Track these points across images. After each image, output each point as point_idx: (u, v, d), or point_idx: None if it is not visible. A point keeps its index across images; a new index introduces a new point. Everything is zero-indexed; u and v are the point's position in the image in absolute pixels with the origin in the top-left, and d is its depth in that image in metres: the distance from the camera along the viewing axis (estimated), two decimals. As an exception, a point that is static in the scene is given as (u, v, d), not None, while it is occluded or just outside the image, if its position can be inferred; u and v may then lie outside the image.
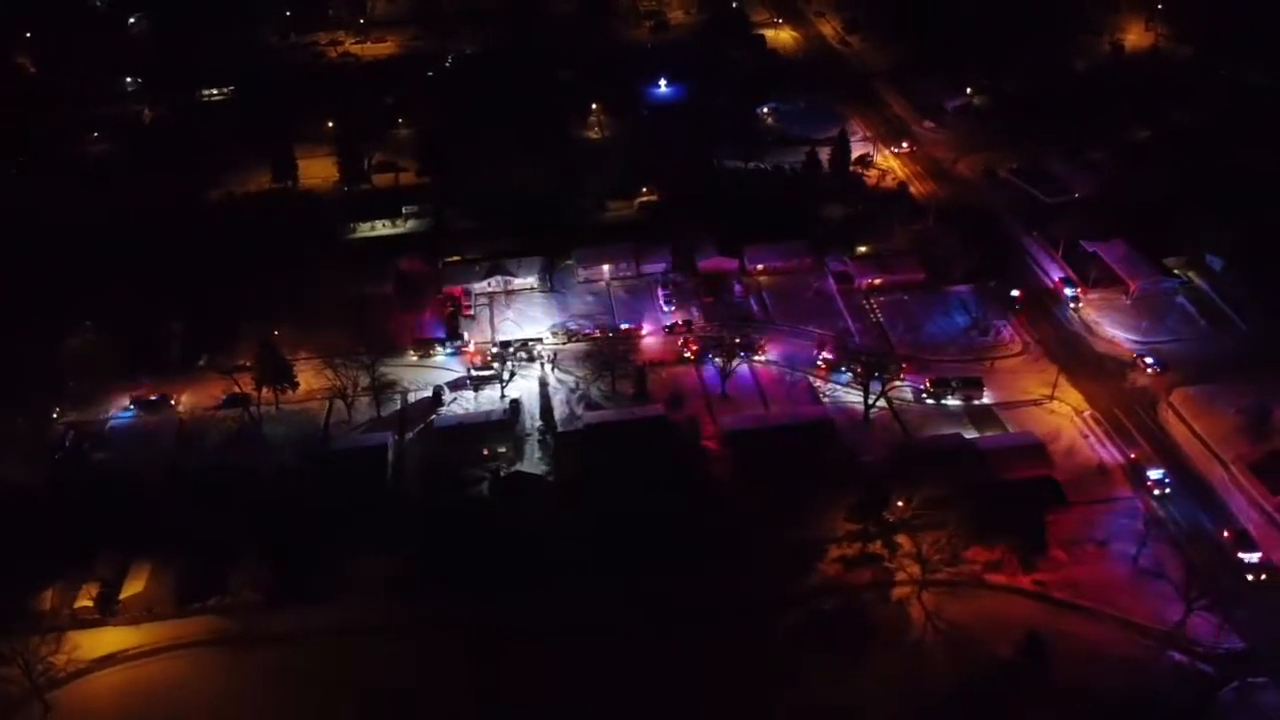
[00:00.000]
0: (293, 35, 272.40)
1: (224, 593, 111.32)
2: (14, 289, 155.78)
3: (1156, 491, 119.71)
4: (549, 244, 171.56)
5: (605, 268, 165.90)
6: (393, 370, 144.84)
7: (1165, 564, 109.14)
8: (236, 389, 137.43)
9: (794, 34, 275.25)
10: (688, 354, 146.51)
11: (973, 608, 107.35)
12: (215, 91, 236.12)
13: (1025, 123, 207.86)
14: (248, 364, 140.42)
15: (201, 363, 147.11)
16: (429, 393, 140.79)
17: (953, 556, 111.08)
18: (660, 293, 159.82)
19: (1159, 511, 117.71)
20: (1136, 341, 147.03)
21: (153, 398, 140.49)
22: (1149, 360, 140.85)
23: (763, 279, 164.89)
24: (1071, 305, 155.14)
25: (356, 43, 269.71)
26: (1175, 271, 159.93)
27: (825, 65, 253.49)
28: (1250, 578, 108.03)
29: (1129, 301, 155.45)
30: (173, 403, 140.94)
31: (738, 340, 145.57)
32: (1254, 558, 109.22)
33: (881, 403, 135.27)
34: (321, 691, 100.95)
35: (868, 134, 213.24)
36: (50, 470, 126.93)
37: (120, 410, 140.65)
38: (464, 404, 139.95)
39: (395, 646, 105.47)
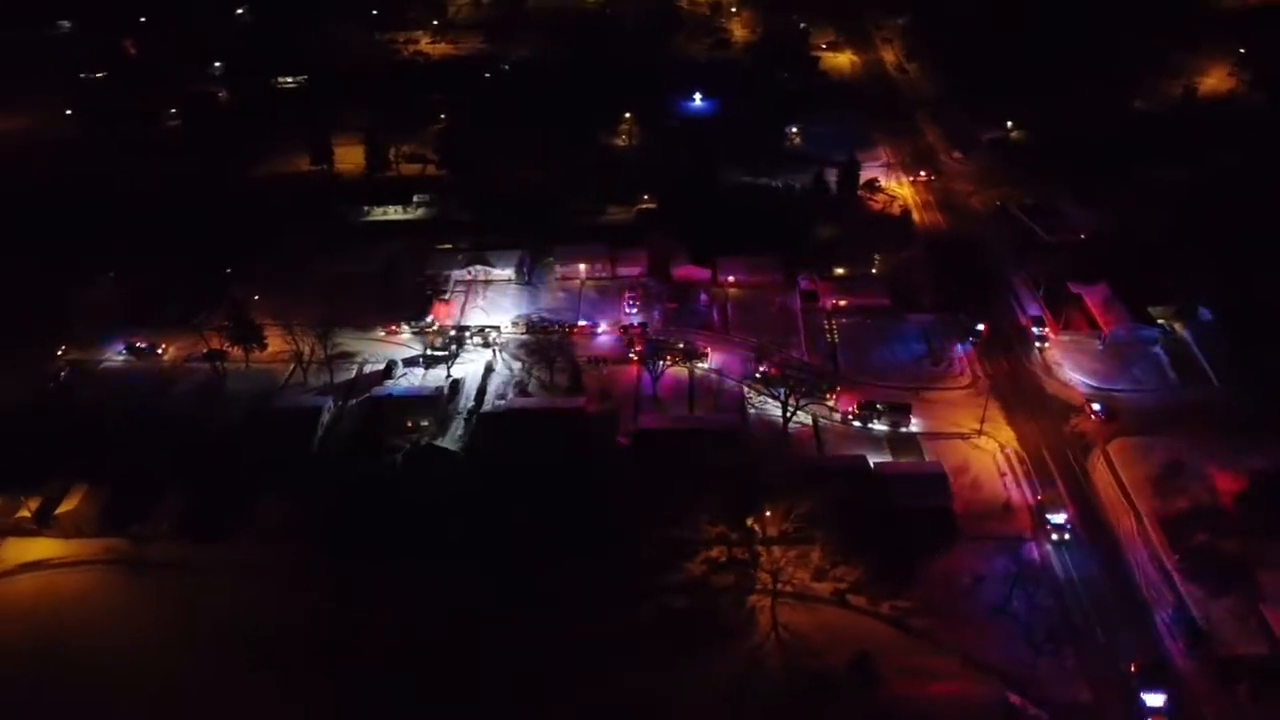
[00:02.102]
0: (375, 33, 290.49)
1: (143, 521, 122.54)
2: (53, 240, 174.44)
3: (1055, 536, 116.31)
4: (541, 240, 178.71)
5: (581, 267, 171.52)
6: (361, 344, 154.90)
7: (1033, 607, 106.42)
8: (206, 346, 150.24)
9: (854, 58, 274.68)
10: (633, 355, 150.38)
11: (822, 623, 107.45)
12: (289, 80, 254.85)
13: (1056, 160, 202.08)
14: (228, 324, 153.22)
15: (196, 320, 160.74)
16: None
17: (817, 572, 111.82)
18: (627, 295, 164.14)
19: (1051, 556, 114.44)
20: (1092, 386, 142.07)
21: (142, 345, 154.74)
22: (1095, 406, 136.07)
23: (732, 290, 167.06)
24: (1037, 345, 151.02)
25: (431, 43, 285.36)
26: (1160, 321, 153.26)
27: (876, 90, 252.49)
28: None
29: (1101, 346, 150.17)
30: (159, 351, 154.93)
31: (681, 346, 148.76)
32: (1159, 701, 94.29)
33: (807, 420, 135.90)
34: (197, 614, 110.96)
35: (890, 160, 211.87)
36: (37, 397, 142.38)
37: (115, 353, 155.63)
38: (413, 379, 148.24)
39: (278, 585, 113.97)
